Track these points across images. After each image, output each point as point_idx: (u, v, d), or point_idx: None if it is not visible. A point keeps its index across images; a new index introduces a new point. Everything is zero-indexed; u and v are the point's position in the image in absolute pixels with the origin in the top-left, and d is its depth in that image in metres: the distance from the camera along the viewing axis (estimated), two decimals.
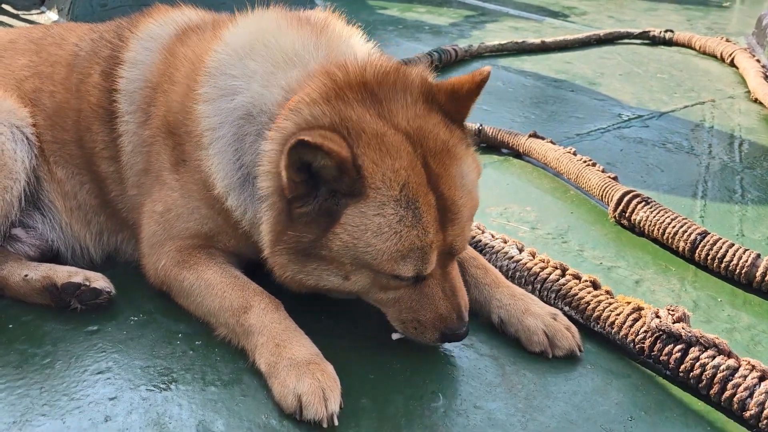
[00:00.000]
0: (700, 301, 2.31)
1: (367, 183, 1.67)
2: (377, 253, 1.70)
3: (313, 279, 1.81)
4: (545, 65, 4.99)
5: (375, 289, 1.82)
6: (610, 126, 3.88)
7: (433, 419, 1.76)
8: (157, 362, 1.91)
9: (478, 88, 1.83)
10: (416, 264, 1.72)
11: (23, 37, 2.43)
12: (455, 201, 1.75)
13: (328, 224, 1.71)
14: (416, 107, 1.78)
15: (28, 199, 2.22)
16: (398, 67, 1.86)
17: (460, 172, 1.78)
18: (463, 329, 1.82)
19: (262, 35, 1.99)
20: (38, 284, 2.07)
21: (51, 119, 2.27)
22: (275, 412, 1.74)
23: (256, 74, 1.91)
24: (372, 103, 1.75)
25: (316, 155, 1.62)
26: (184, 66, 2.06)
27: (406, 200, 1.68)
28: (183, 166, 2.04)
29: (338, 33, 2.02)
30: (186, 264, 2.04)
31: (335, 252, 1.73)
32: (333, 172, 1.65)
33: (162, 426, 1.70)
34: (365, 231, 1.68)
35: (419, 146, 1.73)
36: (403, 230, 1.68)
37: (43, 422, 1.69)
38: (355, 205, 1.68)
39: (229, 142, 1.92)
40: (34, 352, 1.92)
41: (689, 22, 6.80)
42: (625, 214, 2.70)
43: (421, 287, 1.79)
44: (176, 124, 2.03)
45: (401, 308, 1.83)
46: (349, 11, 2.28)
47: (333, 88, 1.75)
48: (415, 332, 1.85)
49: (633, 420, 1.79)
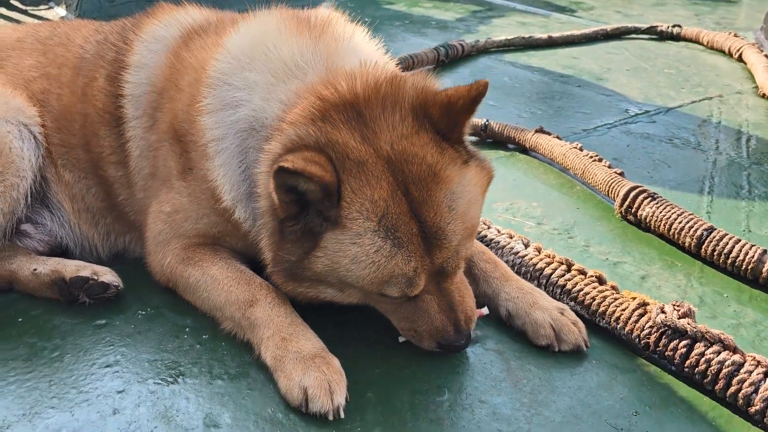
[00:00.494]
0: (706, 296, 2.30)
1: (344, 213, 1.66)
2: (357, 278, 1.70)
3: (312, 293, 1.83)
4: (552, 60, 4.97)
5: (372, 301, 1.84)
6: (616, 121, 3.86)
7: (438, 413, 1.77)
8: (165, 356, 1.92)
9: (473, 103, 1.74)
10: (401, 287, 1.71)
11: (30, 35, 2.43)
12: (441, 227, 1.70)
13: (311, 246, 1.72)
14: (404, 126, 1.73)
15: (36, 196, 2.23)
16: (392, 79, 1.79)
17: (450, 195, 1.72)
18: (461, 342, 1.80)
19: (262, 42, 1.97)
20: (47, 278, 2.09)
21: (58, 122, 2.28)
22: (281, 406, 1.75)
23: (257, 86, 1.91)
24: (357, 124, 1.71)
25: (298, 180, 1.62)
26: (188, 74, 2.06)
27: (385, 231, 1.66)
28: (190, 174, 2.05)
29: (338, 36, 1.99)
30: (191, 260, 2.05)
31: (320, 273, 1.74)
32: (318, 194, 1.65)
33: (169, 419, 1.71)
34: (343, 258, 1.69)
35: (400, 173, 1.68)
36: (381, 260, 1.67)
37: (52, 414, 1.71)
38: (332, 231, 1.68)
39: (233, 154, 1.93)
40: (44, 346, 1.94)
41: (697, 17, 6.76)
42: (631, 210, 2.70)
43: (416, 302, 1.78)
44: (182, 132, 2.05)
45: (400, 317, 1.84)
46: (355, 7, 2.28)
47: (320, 109, 1.73)
48: (414, 339, 1.86)
49: (638, 415, 1.79)
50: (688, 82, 4.62)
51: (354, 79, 1.77)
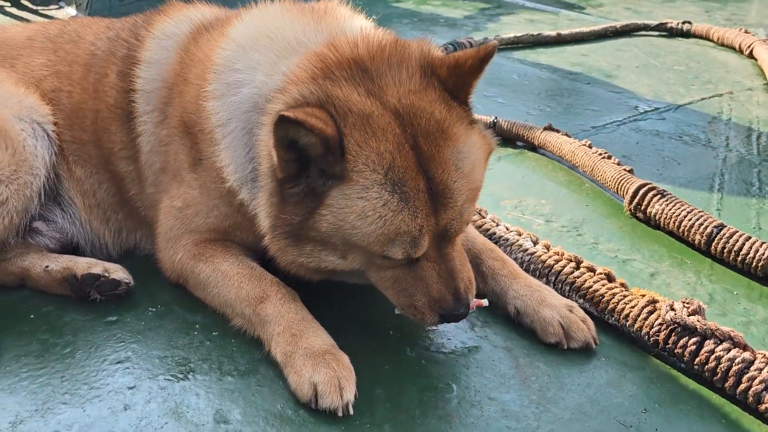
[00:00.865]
0: (716, 294, 2.29)
1: (350, 166, 1.65)
2: (363, 235, 1.68)
3: (314, 261, 1.80)
4: (561, 57, 4.96)
5: (373, 268, 1.80)
6: (626, 119, 3.85)
7: (447, 410, 1.77)
8: (175, 352, 1.94)
9: (481, 63, 1.75)
10: (405, 247, 1.69)
11: (40, 34, 2.45)
12: (448, 185, 1.70)
13: (315, 205, 1.70)
14: (411, 82, 1.73)
15: (48, 194, 2.25)
16: (396, 41, 1.81)
17: (456, 154, 1.72)
18: (461, 310, 1.77)
19: (265, 28, 2.00)
20: (59, 275, 2.11)
21: (69, 119, 2.30)
22: (291, 402, 1.76)
23: (260, 65, 1.92)
24: (362, 80, 1.72)
25: (299, 131, 1.61)
26: (196, 66, 2.08)
27: (392, 184, 1.65)
28: (200, 165, 2.06)
29: (339, 16, 2.02)
30: (202, 256, 2.06)
31: (324, 233, 1.72)
32: (319, 149, 1.64)
33: (180, 415, 1.72)
34: (349, 214, 1.67)
35: (409, 126, 1.68)
36: (388, 214, 1.65)
37: (64, 410, 1.73)
38: (338, 187, 1.67)
39: (238, 136, 1.93)
40: (55, 342, 1.96)
41: (707, 14, 6.72)
42: (640, 207, 2.69)
43: (416, 269, 1.76)
44: (191, 123, 2.06)
45: (399, 290, 1.80)
46: (363, 5, 2.28)
47: (321, 68, 1.74)
48: (415, 317, 1.82)
49: (647, 412, 1.79)
50: (698, 78, 4.59)
51: (356, 41, 1.79)
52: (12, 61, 2.36)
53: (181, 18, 2.29)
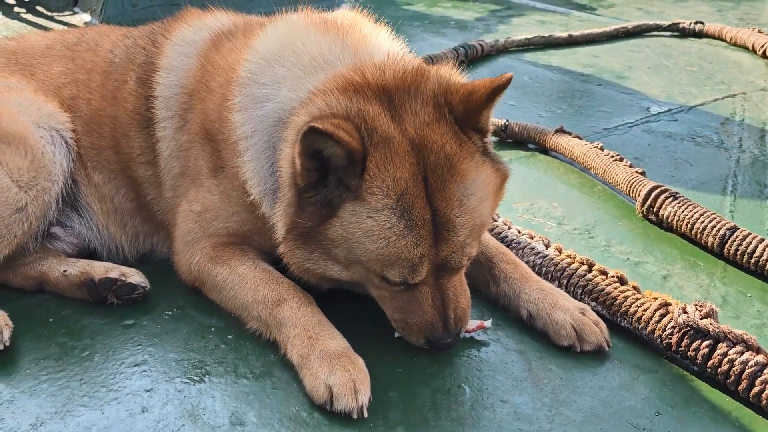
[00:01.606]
0: (729, 296, 2.29)
1: (366, 186, 1.70)
2: (366, 252, 1.73)
3: (319, 268, 1.85)
4: (572, 59, 4.95)
5: (372, 285, 1.85)
6: (638, 120, 3.84)
7: (459, 412, 1.79)
8: (191, 355, 1.96)
9: (493, 93, 1.76)
10: (403, 272, 1.74)
11: (59, 42, 2.49)
12: (450, 220, 1.73)
13: (328, 215, 1.75)
14: (425, 113, 1.76)
15: (66, 199, 2.29)
16: (417, 68, 1.85)
17: (462, 190, 1.75)
18: (448, 340, 1.82)
19: (290, 42, 2.02)
20: (76, 279, 2.15)
21: (88, 125, 2.33)
22: (305, 405, 1.78)
23: (286, 80, 1.95)
24: (388, 104, 1.76)
25: (326, 142, 1.65)
26: (219, 75, 2.11)
27: (401, 210, 1.70)
28: (221, 172, 2.09)
29: (364, 34, 2.04)
30: (220, 259, 2.09)
31: (332, 242, 1.77)
32: (342, 161, 1.68)
33: (196, 417, 1.75)
34: (357, 229, 1.72)
35: (422, 157, 1.72)
36: (392, 237, 1.70)
37: (83, 412, 1.76)
38: (352, 203, 1.72)
39: (262, 149, 1.96)
40: (74, 345, 1.99)
41: (720, 13, 6.68)
42: (653, 209, 2.69)
43: (412, 292, 1.81)
44: (213, 131, 2.09)
45: (394, 307, 1.86)
46: (374, 8, 2.30)
47: (351, 84, 1.78)
48: (404, 333, 1.89)
49: (660, 415, 1.79)
50: (710, 79, 4.57)
51: (383, 68, 1.83)
52: (31, 69, 2.40)
53: (200, 25, 2.32)
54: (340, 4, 6.04)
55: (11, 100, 2.22)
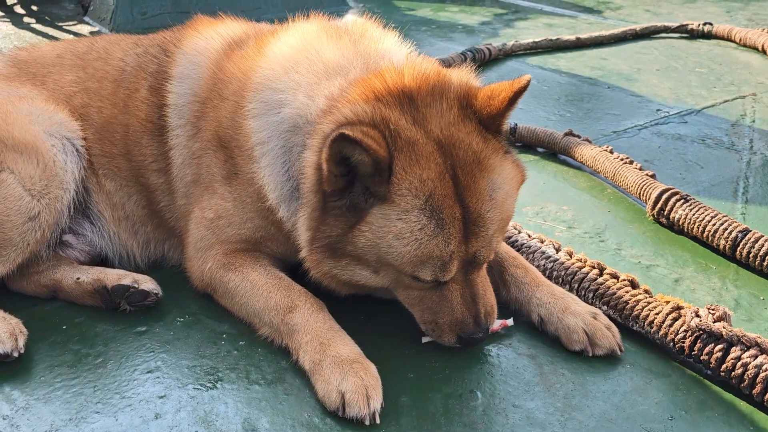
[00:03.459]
0: (742, 299, 2.28)
1: (394, 189, 1.71)
2: (397, 255, 1.74)
3: (347, 274, 1.85)
4: (580, 62, 4.95)
5: (401, 286, 1.86)
6: (647, 123, 3.83)
7: (472, 417, 1.78)
8: (204, 362, 1.97)
9: (515, 96, 1.80)
10: (435, 271, 1.75)
11: (69, 52, 2.51)
12: (481, 214, 1.76)
13: (355, 221, 1.75)
14: (451, 114, 1.79)
15: (78, 207, 2.30)
16: (438, 71, 1.88)
17: (490, 185, 1.78)
18: (479, 335, 1.85)
19: (303, 48, 2.04)
20: (89, 286, 2.16)
21: (99, 134, 2.35)
22: (317, 410, 1.79)
23: (301, 86, 1.96)
24: (409, 108, 1.78)
25: (354, 150, 1.66)
26: (232, 83, 2.12)
27: (431, 210, 1.71)
28: (235, 178, 2.10)
29: (377, 39, 2.06)
30: (232, 266, 2.10)
31: (360, 249, 1.77)
32: (369, 168, 1.69)
33: (209, 423, 1.76)
34: (387, 233, 1.73)
35: (449, 156, 1.74)
36: (424, 238, 1.71)
37: (97, 419, 1.77)
38: (380, 206, 1.73)
39: (277, 154, 1.97)
40: (87, 352, 2.00)
41: (728, 14, 6.65)
42: (663, 212, 2.68)
43: (442, 291, 1.83)
44: (227, 138, 2.10)
45: (424, 308, 1.87)
46: (380, 13, 2.31)
47: (373, 92, 1.80)
48: (434, 333, 1.89)
49: (673, 419, 1.79)
50: (720, 80, 4.56)
51: (402, 71, 1.85)
52: (42, 78, 2.42)
53: (211, 33, 2.34)
54: (346, 10, 6.06)
55: (23, 109, 2.24)
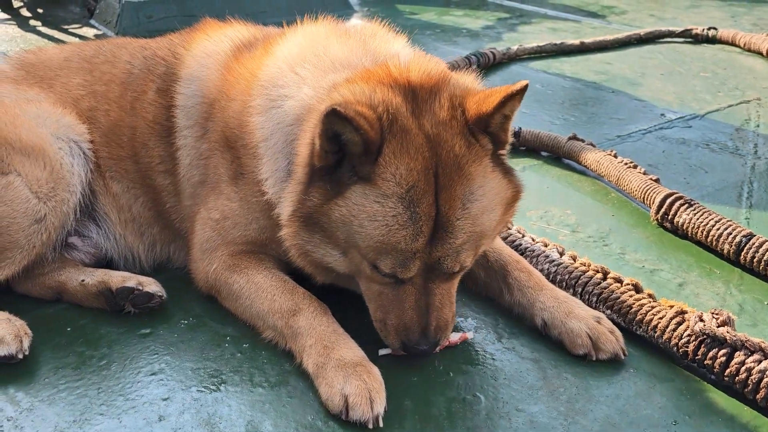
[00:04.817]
0: (746, 304, 2.28)
1: (379, 171, 1.70)
2: (366, 236, 1.73)
3: (318, 252, 1.85)
4: (584, 66, 4.95)
5: (363, 276, 1.85)
6: (651, 127, 3.83)
7: (475, 421, 1.78)
8: (207, 364, 1.97)
9: (506, 99, 1.73)
10: (394, 264, 1.73)
11: (76, 55, 2.52)
12: (450, 221, 1.73)
13: (334, 194, 1.75)
14: (441, 112, 1.78)
15: (84, 210, 2.31)
16: (442, 71, 1.88)
17: (467, 193, 1.74)
18: (424, 347, 1.80)
19: (311, 47, 2.05)
20: (94, 288, 2.17)
21: (106, 136, 2.36)
22: (321, 414, 1.79)
23: (306, 79, 1.97)
24: (410, 99, 1.78)
25: (345, 127, 1.66)
26: (240, 83, 2.13)
27: (409, 201, 1.70)
28: (242, 178, 2.10)
29: (385, 41, 2.07)
30: (237, 268, 2.10)
31: (333, 223, 1.77)
32: (358, 148, 1.69)
33: (213, 426, 1.76)
34: (361, 212, 1.72)
35: (435, 154, 1.73)
36: (394, 226, 1.70)
37: (101, 421, 1.77)
38: (362, 185, 1.72)
39: (279, 148, 1.98)
40: (91, 354, 2.01)
41: (733, 19, 6.66)
42: (667, 217, 2.68)
43: (398, 290, 1.81)
44: (234, 138, 2.11)
45: (378, 305, 1.85)
46: (384, 18, 2.32)
47: (376, 78, 1.82)
48: (382, 333, 1.88)
49: (677, 424, 1.78)
50: (724, 85, 4.56)
51: (409, 66, 1.86)
52: (50, 81, 2.44)
53: (220, 36, 2.36)
54: (350, 15, 6.08)
55: (30, 112, 2.26)
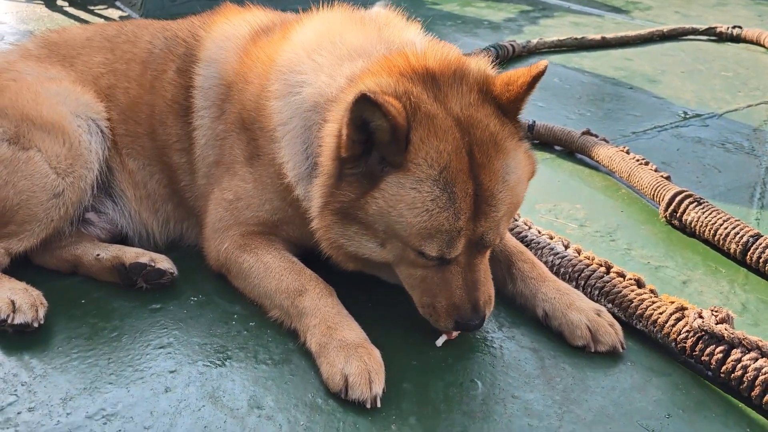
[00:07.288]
0: (749, 303, 2.28)
1: (410, 157, 1.74)
2: (407, 225, 1.76)
3: (354, 245, 1.88)
4: (604, 62, 4.93)
5: (404, 264, 1.88)
6: (667, 125, 3.82)
7: (471, 406, 1.82)
8: (214, 340, 2.03)
9: (533, 81, 1.83)
10: (441, 246, 1.77)
11: (98, 35, 2.58)
12: (494, 194, 1.79)
13: (369, 187, 1.79)
14: (470, 96, 1.83)
15: (101, 186, 2.38)
16: (459, 57, 1.93)
17: (505, 166, 1.82)
18: (475, 321, 1.85)
19: (328, 33, 2.09)
20: (108, 263, 2.24)
21: (125, 113, 2.42)
22: (321, 392, 1.84)
23: (323, 67, 2.01)
24: (431, 86, 1.82)
25: (374, 113, 1.69)
26: (257, 66, 2.18)
27: (444, 182, 1.74)
28: (257, 159, 2.15)
29: (399, 29, 2.11)
30: (247, 247, 2.15)
31: (371, 216, 1.80)
32: (387, 136, 1.72)
33: (216, 399, 1.82)
34: (399, 201, 1.75)
35: (467, 134, 1.78)
36: (435, 209, 1.74)
37: (110, 390, 1.84)
38: (395, 174, 1.76)
39: (298, 133, 2.02)
40: (104, 326, 2.08)
41: (760, 18, 6.56)
42: (676, 214, 2.69)
43: (443, 271, 1.84)
44: (250, 120, 2.15)
45: (424, 289, 1.89)
46: (406, 8, 2.35)
47: (396, 67, 1.85)
48: (431, 318, 1.91)
49: (670, 417, 1.81)
50: (745, 85, 4.51)
51: (425, 52, 1.90)
52: (71, 60, 2.50)
53: (239, 20, 2.41)
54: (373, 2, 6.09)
55: (52, 90, 2.32)
